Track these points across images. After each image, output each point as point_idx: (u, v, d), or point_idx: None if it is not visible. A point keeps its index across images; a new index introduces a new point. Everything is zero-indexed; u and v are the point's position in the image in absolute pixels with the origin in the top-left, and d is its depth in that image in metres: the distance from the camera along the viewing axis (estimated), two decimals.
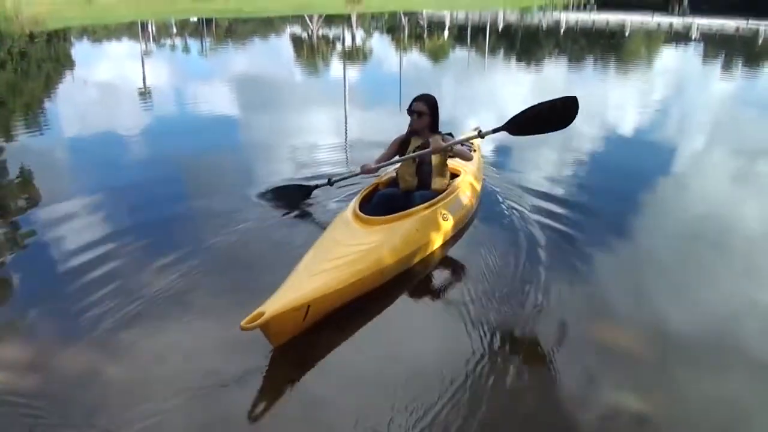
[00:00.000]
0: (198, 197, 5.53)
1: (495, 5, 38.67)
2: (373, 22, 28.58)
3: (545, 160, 6.85)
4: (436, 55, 18.51)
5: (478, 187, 5.45)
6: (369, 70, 15.26)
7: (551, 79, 14.09)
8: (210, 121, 8.98)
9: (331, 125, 8.72)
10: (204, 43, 19.34)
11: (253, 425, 2.84)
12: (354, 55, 17.67)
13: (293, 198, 5.46)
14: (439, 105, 5.13)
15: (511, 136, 4.86)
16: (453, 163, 5.20)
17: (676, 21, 32.15)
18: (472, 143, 5.89)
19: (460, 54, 19.22)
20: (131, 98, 10.52)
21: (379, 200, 4.87)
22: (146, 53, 16.46)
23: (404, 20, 27.96)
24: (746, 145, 8.13)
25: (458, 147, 4.94)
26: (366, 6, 34.60)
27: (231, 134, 8.30)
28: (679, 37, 25.57)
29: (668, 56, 20.03)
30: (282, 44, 20.11)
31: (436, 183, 4.98)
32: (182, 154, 7.09)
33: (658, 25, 29.99)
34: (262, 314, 3.16)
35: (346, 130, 8.45)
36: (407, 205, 4.63)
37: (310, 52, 18.03)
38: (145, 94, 10.99)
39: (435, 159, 4.98)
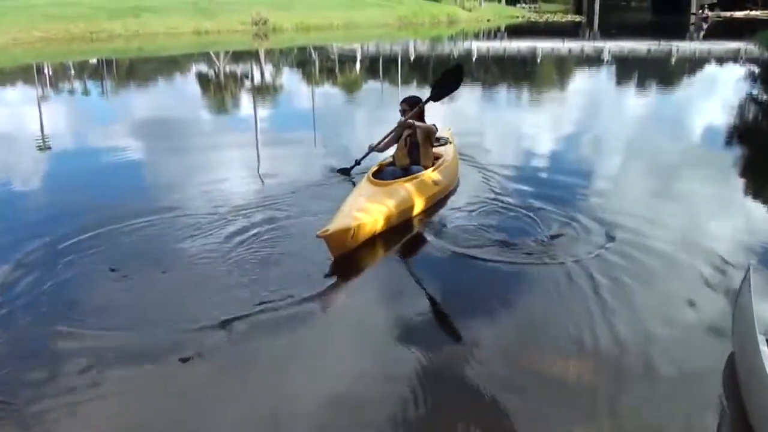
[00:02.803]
0: (104, 247, 5.65)
1: (405, 36, 39.63)
2: (282, 57, 28.89)
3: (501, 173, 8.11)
4: (349, 89, 18.92)
5: (456, 165, 7.64)
6: (280, 107, 15.52)
7: (465, 106, 14.66)
8: (114, 166, 9.08)
9: (244, 163, 8.89)
10: (105, 85, 19.18)
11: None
12: (264, 91, 17.87)
13: (343, 173, 7.71)
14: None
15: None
16: (436, 150, 7.37)
17: (588, 45, 33.68)
18: (448, 138, 8.03)
19: (373, 86, 19.73)
20: (27, 146, 10.40)
21: (385, 174, 6.92)
22: (43, 98, 16.23)
23: (314, 54, 28.39)
24: (668, 160, 8.93)
25: (420, 123, 7.10)
26: (274, 41, 34.92)
27: (138, 178, 8.40)
28: (592, 60, 26.91)
29: (582, 80, 21.10)
30: (188, 83, 20.15)
31: (424, 160, 7.05)
32: (85, 201, 7.13)
33: (569, 50, 31.38)
34: (328, 230, 5.20)
35: (258, 166, 8.66)
36: (405, 176, 6.65)
37: (218, 90, 18.15)
38: (42, 140, 10.87)
39: (422, 143, 7.03)
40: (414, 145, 7.10)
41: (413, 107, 7.24)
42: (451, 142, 8.05)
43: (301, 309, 4.53)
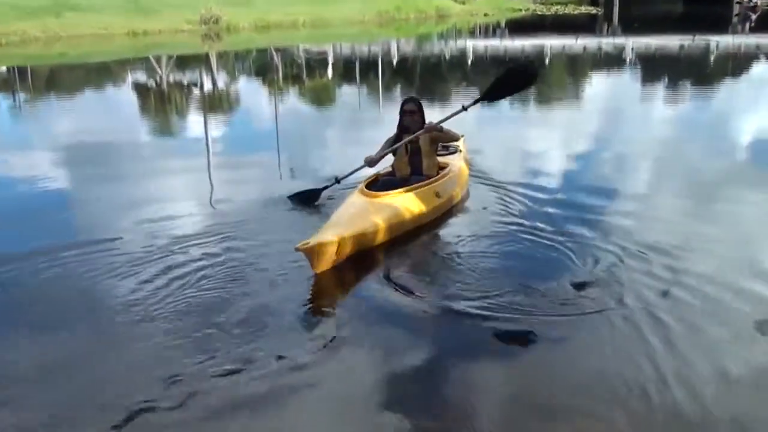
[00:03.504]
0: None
1: (386, 35, 39.89)
2: (238, 62, 28.95)
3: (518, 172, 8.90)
4: (320, 98, 18.95)
5: (465, 177, 8.01)
6: (236, 121, 15.46)
7: (463, 114, 14.69)
8: (20, 191, 9.02)
9: (192, 188, 8.81)
10: (17, 98, 19.06)
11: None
12: (216, 103, 17.85)
13: (307, 201, 7.70)
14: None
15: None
16: (442, 160, 7.79)
17: (606, 42, 34.01)
18: (458, 146, 8.43)
19: (348, 94, 19.81)
20: None
21: (382, 184, 7.22)
22: None
23: (276, 58, 28.47)
24: (713, 177, 8.98)
25: (446, 127, 7.39)
26: (228, 43, 35.02)
27: (51, 206, 8.22)
28: (612, 61, 27.16)
29: (600, 83, 21.17)
30: (122, 94, 20.10)
31: (427, 170, 7.38)
32: None
33: (584, 48, 31.66)
34: (308, 243, 5.52)
35: (210, 191, 8.58)
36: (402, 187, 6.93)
37: (160, 103, 18.11)
38: None
39: (425, 150, 7.38)
40: (416, 153, 7.42)
41: (421, 110, 7.58)
42: (461, 151, 8.44)
43: (267, 362, 4.35)
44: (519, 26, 47.47)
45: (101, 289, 5.52)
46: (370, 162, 7.53)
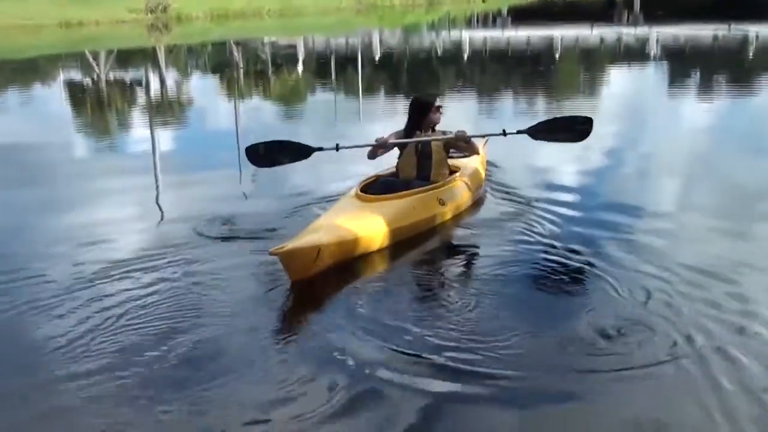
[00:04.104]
0: None
1: (367, 25, 39.96)
2: (190, 57, 28.93)
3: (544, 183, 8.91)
4: (288, 100, 18.93)
5: (478, 184, 8.20)
6: (189, 127, 15.41)
7: (457, 122, 14.66)
8: None
9: (136, 203, 8.73)
10: None
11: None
12: (165, 105, 17.81)
13: (287, 154, 7.67)
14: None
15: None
16: (454, 162, 7.98)
17: (627, 33, 34.19)
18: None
19: (322, 95, 19.80)
20: None
21: (380, 186, 7.39)
22: None
23: (237, 53, 28.49)
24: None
25: (474, 140, 7.71)
26: (178, 35, 35.00)
27: None
28: (633, 54, 27.26)
29: (620, 81, 21.17)
30: (52, 95, 20.03)
31: (435, 175, 7.56)
32: None
33: (601, 40, 31.81)
34: (283, 247, 5.68)
35: (157, 201, 8.54)
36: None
37: (98, 105, 18.05)
38: None
39: (436, 153, 7.58)
40: (427, 155, 7.58)
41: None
42: (478, 154, 8.45)
43: (226, 411, 4.16)
44: (523, 14, 47.81)
45: (25, 325, 5.34)
46: (382, 143, 7.45)
